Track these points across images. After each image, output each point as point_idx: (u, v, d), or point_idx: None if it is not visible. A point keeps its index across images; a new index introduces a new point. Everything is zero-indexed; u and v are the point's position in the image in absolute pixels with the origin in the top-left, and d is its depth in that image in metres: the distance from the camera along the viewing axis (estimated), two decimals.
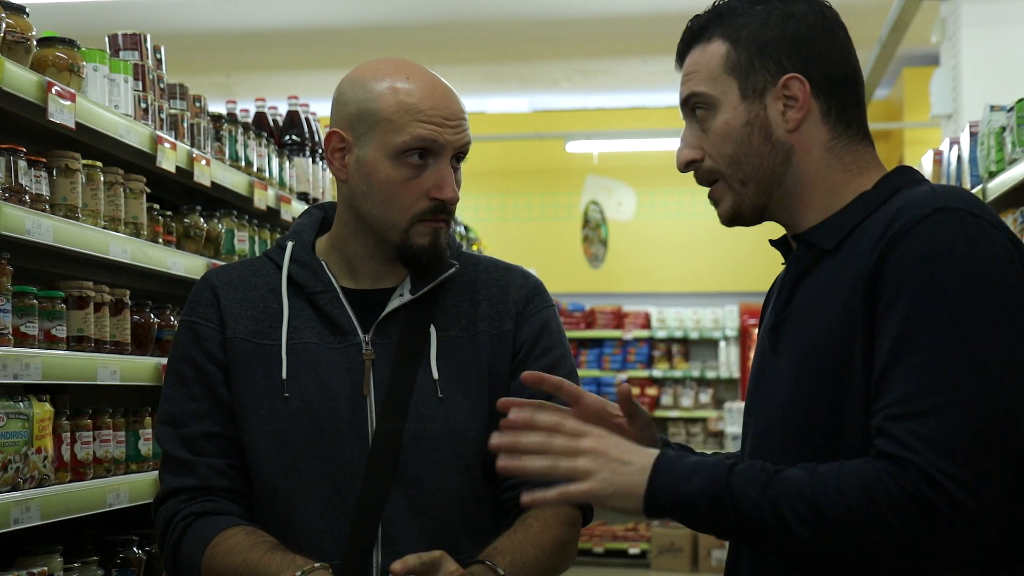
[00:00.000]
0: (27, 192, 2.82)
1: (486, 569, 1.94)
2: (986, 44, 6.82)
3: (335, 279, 2.11)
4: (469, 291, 2.13)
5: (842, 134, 1.74)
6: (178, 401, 2.09)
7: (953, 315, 1.54)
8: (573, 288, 11.66)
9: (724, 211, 1.79)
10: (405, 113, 2.02)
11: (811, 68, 1.72)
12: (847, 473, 1.54)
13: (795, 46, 1.72)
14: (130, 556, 3.32)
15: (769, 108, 1.73)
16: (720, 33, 1.76)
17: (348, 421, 2.03)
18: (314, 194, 4.72)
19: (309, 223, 2.18)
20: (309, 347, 2.07)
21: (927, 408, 1.51)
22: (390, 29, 9.32)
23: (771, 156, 1.74)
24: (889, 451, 1.52)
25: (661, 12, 8.72)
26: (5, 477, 2.65)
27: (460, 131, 2.05)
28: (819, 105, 1.73)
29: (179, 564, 2.05)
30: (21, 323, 2.81)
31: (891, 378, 1.55)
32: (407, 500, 2.02)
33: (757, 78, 1.73)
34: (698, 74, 1.77)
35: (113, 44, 3.46)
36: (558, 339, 2.15)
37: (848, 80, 1.75)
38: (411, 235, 2.05)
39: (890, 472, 1.51)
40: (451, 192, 2.04)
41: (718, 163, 1.76)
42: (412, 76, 2.05)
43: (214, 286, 2.13)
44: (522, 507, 2.06)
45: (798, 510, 1.54)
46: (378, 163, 2.03)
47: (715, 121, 1.75)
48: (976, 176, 4.34)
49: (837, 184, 1.74)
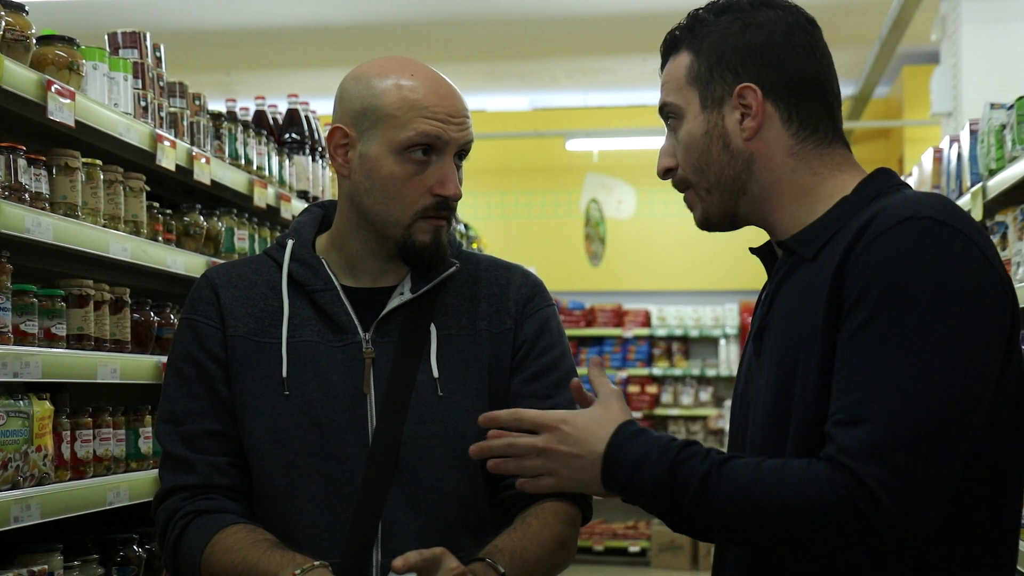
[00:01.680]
0: (27, 190, 2.82)
1: (486, 567, 1.94)
2: (986, 42, 6.82)
3: (335, 277, 2.11)
4: (469, 290, 2.14)
5: (807, 139, 1.74)
6: (178, 399, 2.09)
7: (907, 325, 1.54)
8: (573, 286, 11.66)
9: (697, 217, 1.84)
10: (410, 109, 2.02)
11: (767, 76, 1.73)
12: (789, 471, 1.57)
13: (751, 55, 1.73)
14: (130, 554, 3.32)
15: (727, 118, 1.75)
16: (686, 44, 1.79)
17: (348, 419, 2.03)
18: (314, 192, 4.72)
19: (309, 221, 2.18)
20: (309, 345, 2.07)
21: (869, 415, 1.53)
22: (390, 27, 9.32)
23: (731, 164, 1.76)
24: (830, 455, 1.55)
25: (661, 10, 8.71)
26: (5, 475, 2.65)
27: (464, 128, 2.06)
28: (778, 112, 1.74)
29: (179, 562, 2.05)
30: (21, 321, 2.81)
31: (842, 384, 1.57)
32: (407, 498, 2.02)
33: (715, 88, 1.75)
34: (668, 84, 1.82)
35: (113, 42, 3.46)
36: (558, 338, 2.15)
37: (812, 84, 1.74)
38: (413, 232, 2.05)
39: (827, 475, 1.54)
40: (454, 188, 2.04)
41: (686, 172, 1.80)
42: (416, 73, 2.06)
43: (214, 284, 2.13)
44: (522, 504, 2.07)
45: (737, 503, 1.58)
46: (381, 159, 2.04)
47: (681, 130, 1.79)
48: (976, 174, 4.33)
49: (806, 187, 1.74)
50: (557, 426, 1.72)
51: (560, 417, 1.73)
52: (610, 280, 11.97)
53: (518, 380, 2.10)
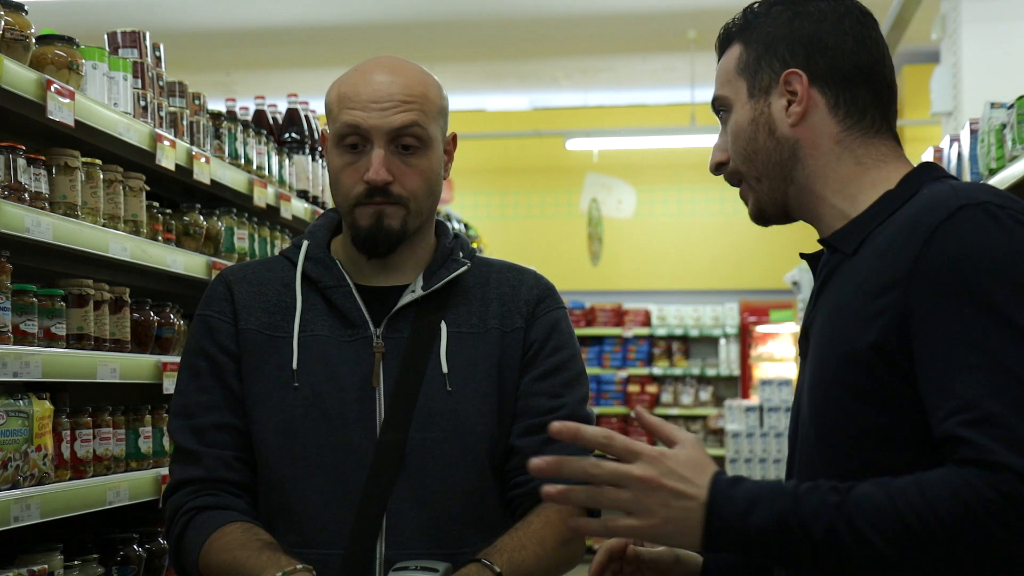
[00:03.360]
0: (26, 190, 2.82)
1: (481, 567, 1.94)
2: (986, 41, 6.82)
3: (348, 276, 2.13)
4: (480, 290, 2.16)
5: (853, 127, 1.73)
6: (190, 393, 2.12)
7: (998, 311, 1.51)
8: (573, 286, 11.65)
9: (751, 210, 1.81)
10: (339, 102, 2.09)
11: (815, 62, 1.72)
12: (930, 484, 1.49)
13: (799, 43, 1.73)
14: (130, 554, 3.32)
15: (773, 105, 1.74)
16: (738, 37, 1.79)
17: (356, 412, 2.05)
18: (314, 192, 4.72)
19: (325, 224, 2.22)
20: (320, 339, 2.09)
21: (1000, 409, 1.48)
22: (390, 27, 9.32)
23: (777, 151, 1.74)
24: (975, 457, 1.48)
25: (661, 10, 8.72)
26: (5, 475, 2.65)
27: (390, 114, 2.06)
28: (825, 99, 1.73)
29: (181, 559, 2.07)
30: (21, 321, 2.81)
31: (950, 383, 1.51)
32: (412, 492, 2.03)
33: (763, 76, 1.75)
34: (719, 78, 1.81)
35: (112, 42, 3.46)
36: (568, 340, 2.16)
37: (861, 72, 1.73)
38: (356, 218, 2.09)
39: (982, 478, 1.47)
40: (375, 175, 2.05)
41: (736, 162, 1.79)
42: (364, 67, 2.11)
43: (229, 281, 2.17)
44: (529, 504, 2.07)
45: (881, 528, 1.48)
46: (329, 153, 2.12)
47: (731, 121, 1.79)
48: (976, 173, 4.33)
49: (850, 178, 1.73)
50: (659, 457, 1.50)
51: (659, 449, 1.52)
52: (610, 280, 11.97)
53: (528, 378, 2.11)
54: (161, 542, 3.44)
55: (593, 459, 1.51)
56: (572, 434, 1.52)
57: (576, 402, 2.11)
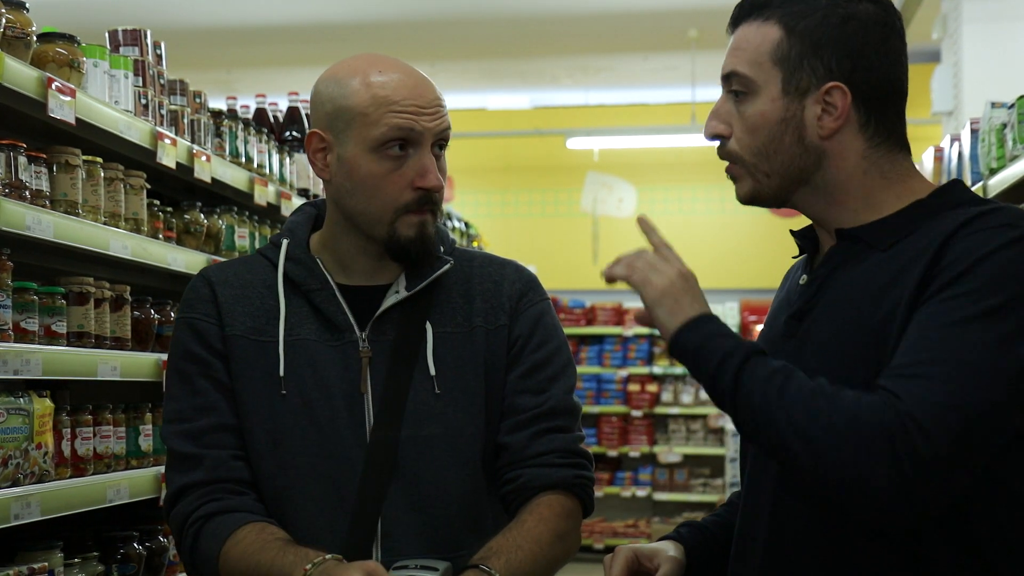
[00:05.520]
0: (27, 188, 2.82)
1: (479, 573, 1.93)
2: (987, 41, 6.82)
3: (330, 276, 2.10)
4: (464, 287, 2.13)
5: (880, 144, 1.73)
6: (182, 398, 2.09)
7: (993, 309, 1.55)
8: (574, 285, 11.65)
9: (742, 193, 1.79)
10: (380, 105, 2.01)
11: (857, 78, 1.70)
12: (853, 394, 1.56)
13: (848, 54, 1.70)
14: (130, 552, 3.32)
15: (807, 110, 1.71)
16: (779, 17, 1.72)
17: (346, 419, 2.03)
18: (314, 190, 4.72)
19: (303, 221, 2.18)
20: (307, 344, 2.07)
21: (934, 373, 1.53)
22: (390, 25, 9.32)
23: (802, 157, 1.73)
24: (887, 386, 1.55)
25: (662, 9, 8.72)
26: (5, 473, 2.65)
27: (437, 117, 2.04)
28: (858, 116, 1.72)
29: (198, 570, 2.05)
30: (21, 319, 2.81)
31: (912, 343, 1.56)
32: (406, 497, 2.02)
33: (802, 77, 1.71)
34: (745, 52, 1.74)
35: (113, 40, 3.46)
36: (553, 332, 2.15)
37: (893, 91, 1.73)
38: (397, 228, 2.04)
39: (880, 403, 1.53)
40: (435, 180, 2.03)
41: (743, 151, 1.75)
42: (384, 69, 2.05)
43: (211, 282, 2.13)
44: (520, 500, 2.06)
45: (791, 397, 1.57)
46: (359, 159, 2.03)
47: (751, 108, 1.73)
48: (977, 173, 4.33)
49: (875, 189, 1.73)
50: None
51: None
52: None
53: (514, 375, 2.10)
54: (161, 540, 3.45)
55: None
56: (649, 227, 1.83)
57: (561, 394, 2.10)
